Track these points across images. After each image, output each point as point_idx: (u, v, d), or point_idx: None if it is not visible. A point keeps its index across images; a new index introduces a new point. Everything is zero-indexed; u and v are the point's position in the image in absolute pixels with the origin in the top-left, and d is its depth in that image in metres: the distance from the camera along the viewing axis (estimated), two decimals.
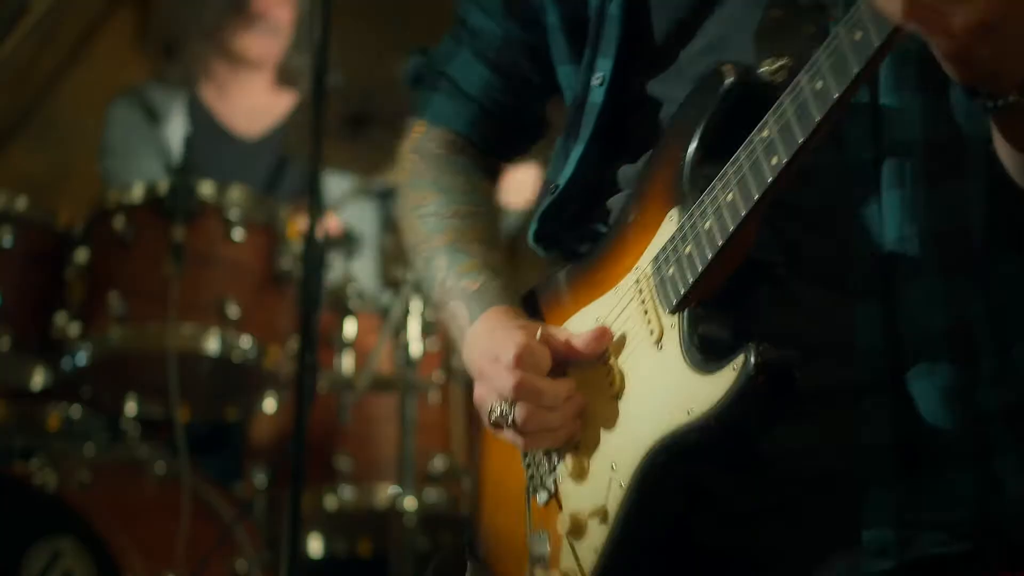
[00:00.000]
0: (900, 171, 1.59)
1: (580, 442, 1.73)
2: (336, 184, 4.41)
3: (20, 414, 3.76)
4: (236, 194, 3.58)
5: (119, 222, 3.52)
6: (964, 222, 1.60)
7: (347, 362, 3.72)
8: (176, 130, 4.38)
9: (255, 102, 4.52)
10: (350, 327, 3.76)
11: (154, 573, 3.33)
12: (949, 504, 1.57)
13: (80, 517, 3.34)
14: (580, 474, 1.71)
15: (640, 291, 1.68)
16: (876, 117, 1.60)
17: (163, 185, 3.54)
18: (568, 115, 1.89)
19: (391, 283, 3.78)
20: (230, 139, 4.48)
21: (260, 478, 3.85)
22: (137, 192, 3.56)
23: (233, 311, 3.49)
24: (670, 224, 1.64)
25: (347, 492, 3.80)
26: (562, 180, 1.86)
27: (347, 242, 3.99)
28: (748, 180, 1.52)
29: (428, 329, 3.72)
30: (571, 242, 1.89)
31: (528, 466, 1.82)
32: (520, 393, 1.69)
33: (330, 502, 3.79)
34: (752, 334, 1.54)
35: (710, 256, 1.56)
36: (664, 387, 1.61)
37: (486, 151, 2.03)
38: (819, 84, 1.43)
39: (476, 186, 2.00)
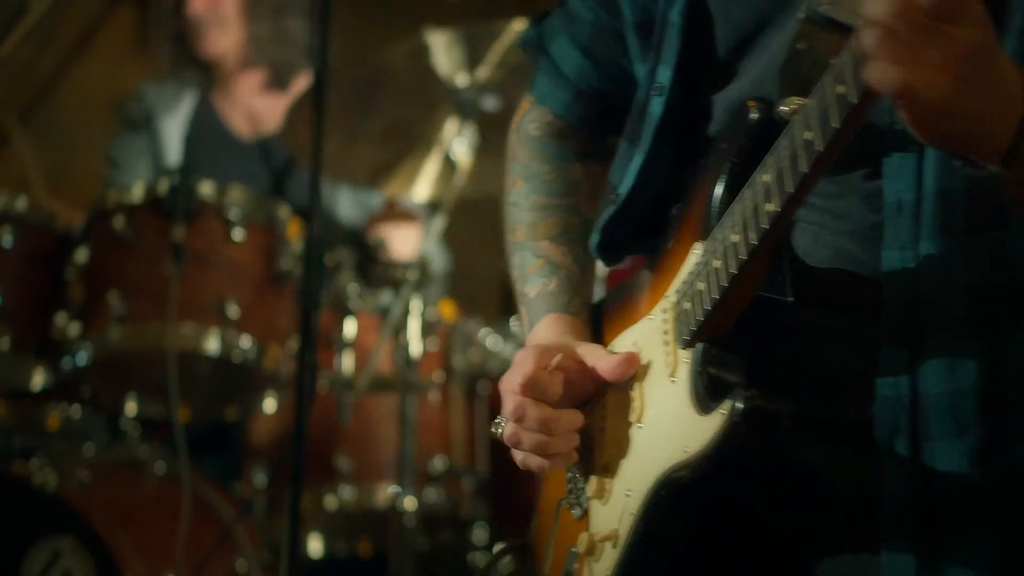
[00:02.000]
0: (941, 216, 1.55)
1: (607, 464, 1.76)
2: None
3: (20, 414, 3.76)
4: (236, 194, 3.58)
5: (119, 222, 3.52)
6: (1003, 275, 1.56)
7: (347, 362, 3.72)
8: (175, 128, 4.39)
9: (253, 104, 4.52)
10: (350, 327, 3.76)
11: (154, 573, 3.33)
12: (972, 563, 1.54)
13: (80, 517, 3.34)
14: (602, 495, 1.75)
15: (665, 321, 1.70)
16: (920, 158, 1.57)
17: (163, 185, 3.54)
18: (630, 119, 1.88)
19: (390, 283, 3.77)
20: (232, 141, 4.48)
21: (260, 478, 3.85)
22: (137, 192, 3.56)
23: (233, 311, 3.49)
24: (693, 258, 1.66)
25: (347, 492, 3.80)
26: (624, 189, 1.85)
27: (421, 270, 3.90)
28: (748, 223, 1.52)
29: (428, 329, 3.72)
30: (635, 253, 1.90)
31: (570, 480, 1.85)
32: (515, 415, 1.76)
33: (330, 502, 3.79)
34: (762, 374, 1.55)
35: (716, 297, 1.57)
36: (672, 421, 1.64)
37: (587, 131, 2.02)
38: (807, 135, 1.42)
39: (561, 175, 2.00)
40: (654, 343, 1.72)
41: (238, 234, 3.55)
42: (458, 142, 3.77)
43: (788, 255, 1.59)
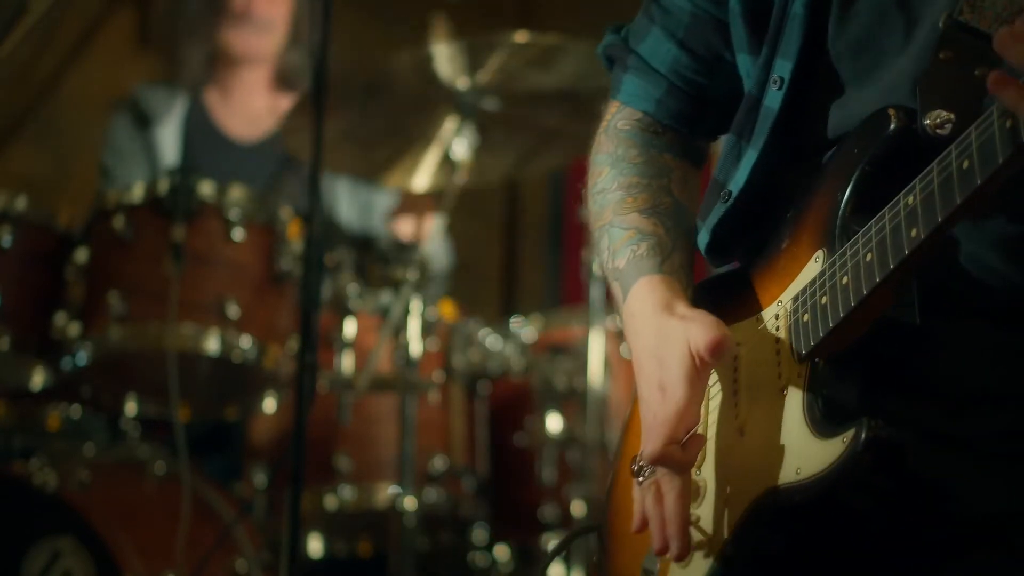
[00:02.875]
0: None
1: (702, 466, 1.70)
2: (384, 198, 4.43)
3: (20, 414, 3.76)
4: (236, 194, 3.58)
5: (119, 222, 3.52)
6: None
7: (347, 362, 3.72)
8: (170, 132, 4.39)
9: (255, 105, 4.51)
10: (350, 327, 3.76)
11: (154, 573, 3.33)
12: None
13: (80, 517, 3.34)
14: (696, 499, 1.68)
15: (777, 328, 1.64)
16: None
17: (163, 185, 3.54)
18: (740, 113, 1.80)
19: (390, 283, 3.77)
20: (227, 144, 4.48)
21: (260, 478, 3.85)
22: (137, 192, 3.56)
23: (233, 311, 3.49)
24: (815, 265, 1.61)
25: (347, 492, 3.79)
26: (735, 187, 1.78)
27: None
28: (887, 245, 1.47)
29: (428, 329, 3.71)
30: (745, 252, 1.81)
31: None
32: (662, 460, 1.65)
33: (330, 502, 3.79)
34: (886, 390, 1.51)
35: (842, 314, 1.53)
36: (781, 437, 1.58)
37: (680, 129, 1.93)
38: (965, 163, 1.37)
39: (651, 159, 1.89)
40: (762, 348, 1.66)
41: (238, 234, 3.55)
42: (458, 142, 3.77)
43: (920, 276, 1.53)
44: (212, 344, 3.47)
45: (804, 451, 1.54)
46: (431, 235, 4.24)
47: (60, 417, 3.76)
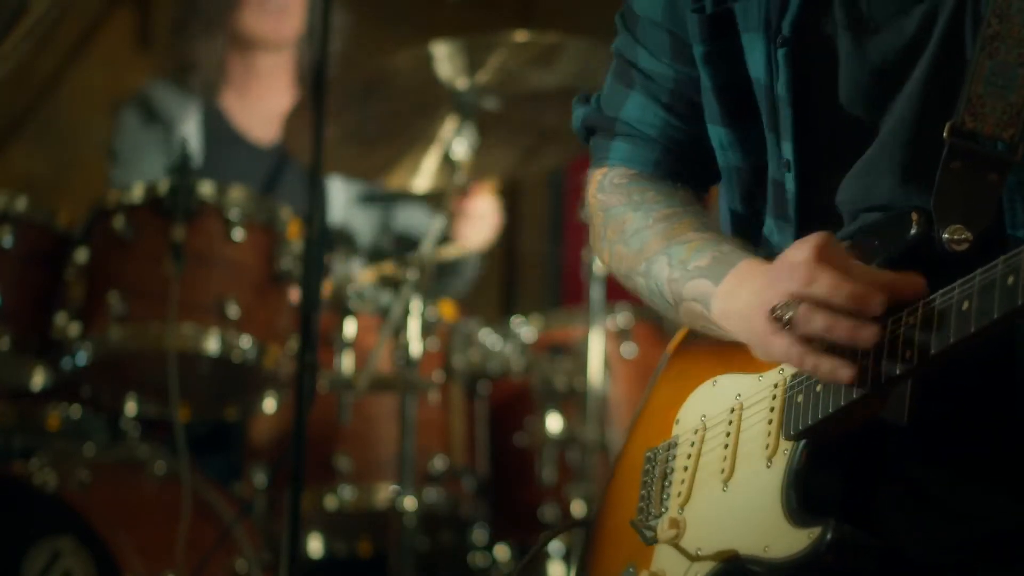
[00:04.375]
0: None
1: (684, 507, 1.74)
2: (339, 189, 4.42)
3: (20, 414, 3.76)
4: (236, 194, 3.58)
5: (119, 222, 3.52)
6: None
7: (347, 362, 3.72)
8: (190, 136, 4.35)
9: (274, 103, 4.47)
10: (350, 327, 3.76)
11: (154, 573, 3.33)
12: None
13: (80, 517, 3.34)
14: (675, 538, 1.73)
15: (774, 396, 1.68)
16: None
17: (163, 185, 3.54)
18: (771, 195, 1.80)
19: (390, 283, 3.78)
20: (247, 146, 4.45)
21: (260, 478, 3.85)
22: (137, 192, 3.56)
23: (233, 311, 3.49)
24: None
25: (347, 492, 3.80)
26: None
27: (344, 242, 3.96)
28: (887, 357, 1.50)
29: (428, 329, 3.71)
30: None
31: (642, 499, 1.83)
32: (811, 287, 1.53)
33: (330, 502, 3.79)
34: (863, 486, 1.56)
35: (831, 410, 1.57)
36: (758, 507, 1.63)
37: (677, 183, 1.93)
38: (965, 305, 1.43)
39: (671, 193, 1.89)
40: (757, 410, 1.70)
41: (238, 234, 3.55)
42: (458, 142, 3.77)
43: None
44: (212, 344, 3.47)
45: (774, 531, 1.59)
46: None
47: (60, 417, 3.76)
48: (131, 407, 3.67)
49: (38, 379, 3.58)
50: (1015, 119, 1.56)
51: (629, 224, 1.86)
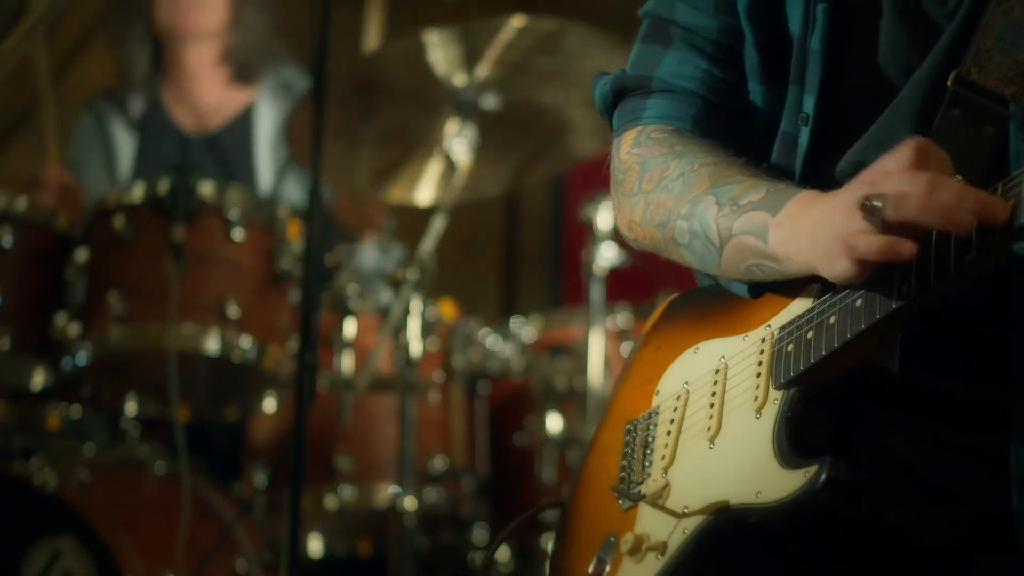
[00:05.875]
0: None
1: (668, 470, 1.74)
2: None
3: (20, 414, 3.76)
4: (236, 194, 3.59)
5: (119, 222, 3.52)
6: None
7: (347, 362, 3.72)
8: (127, 134, 4.39)
9: (203, 94, 4.47)
10: (350, 327, 3.76)
11: (154, 573, 3.33)
12: None
13: (80, 517, 3.35)
14: (659, 499, 1.72)
15: (762, 351, 1.68)
16: None
17: (163, 185, 3.55)
18: (777, 147, 1.80)
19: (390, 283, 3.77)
20: (180, 137, 4.44)
21: (260, 478, 3.85)
22: (137, 192, 3.56)
23: (233, 311, 3.49)
24: (808, 298, 1.65)
25: (347, 492, 3.80)
26: None
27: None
28: (878, 295, 1.52)
29: (428, 329, 3.72)
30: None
31: (623, 468, 1.82)
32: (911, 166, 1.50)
33: (330, 502, 3.79)
34: (858, 436, 1.56)
35: (824, 352, 1.57)
36: (748, 457, 1.63)
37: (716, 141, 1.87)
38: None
39: (714, 145, 1.83)
40: (744, 367, 1.70)
41: (238, 234, 3.55)
42: (458, 142, 3.77)
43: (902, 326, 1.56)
44: (212, 344, 3.47)
45: (767, 476, 1.59)
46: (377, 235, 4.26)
47: (60, 417, 3.77)
48: (131, 407, 3.67)
49: (38, 379, 3.58)
50: (1020, 77, 1.57)
51: (672, 170, 1.80)
